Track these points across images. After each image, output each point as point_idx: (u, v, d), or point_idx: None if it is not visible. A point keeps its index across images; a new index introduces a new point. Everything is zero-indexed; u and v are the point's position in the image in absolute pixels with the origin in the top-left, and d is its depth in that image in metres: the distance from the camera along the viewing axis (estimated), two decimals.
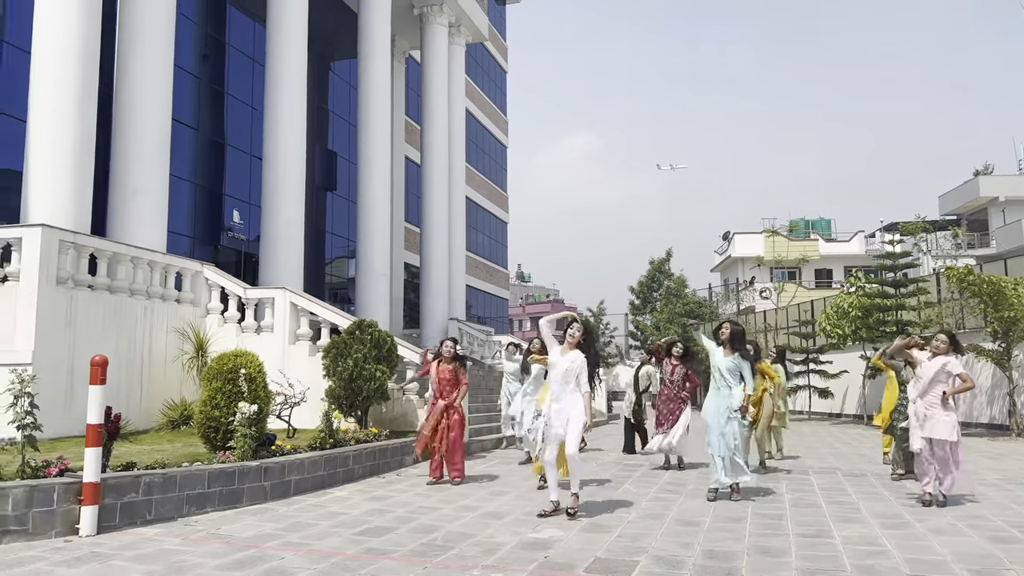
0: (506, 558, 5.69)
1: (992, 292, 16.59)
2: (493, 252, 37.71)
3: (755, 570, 5.33)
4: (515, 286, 79.53)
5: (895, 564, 5.46)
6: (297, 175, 17.22)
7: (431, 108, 24.08)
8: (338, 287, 25.22)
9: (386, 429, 11.74)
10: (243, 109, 20.05)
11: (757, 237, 49.54)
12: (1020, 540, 6.23)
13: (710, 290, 46.03)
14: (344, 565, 5.49)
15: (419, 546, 6.08)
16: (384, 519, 7.19)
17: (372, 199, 20.31)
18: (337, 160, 24.30)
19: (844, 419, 25.06)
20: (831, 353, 25.05)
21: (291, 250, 16.79)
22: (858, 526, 6.84)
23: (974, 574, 5.19)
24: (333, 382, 11.54)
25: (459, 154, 26.21)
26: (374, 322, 12.18)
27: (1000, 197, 41.46)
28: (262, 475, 8.06)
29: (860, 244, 50.34)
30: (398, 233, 26.11)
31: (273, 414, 10.39)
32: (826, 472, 10.80)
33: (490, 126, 37.12)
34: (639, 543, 6.16)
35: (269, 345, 12.99)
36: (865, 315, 21.93)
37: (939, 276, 22.32)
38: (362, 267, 20.24)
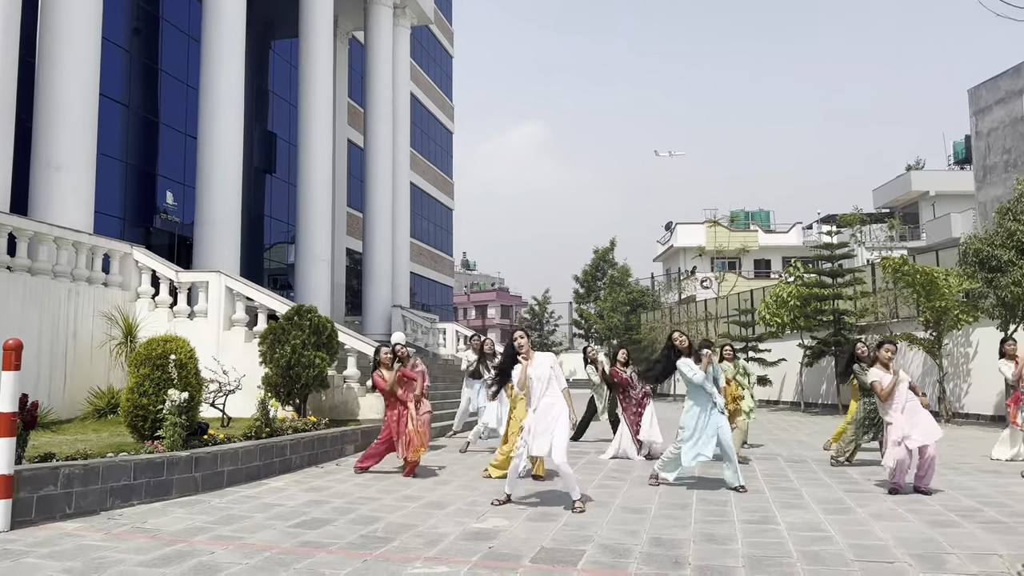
0: (449, 549, 5.50)
1: (925, 282, 17.02)
2: (438, 239, 37.33)
3: (702, 557, 5.25)
4: (460, 274, 79.17)
5: (839, 550, 5.45)
6: (234, 156, 16.63)
7: (375, 91, 23.57)
8: (277, 273, 24.60)
9: (326, 418, 11.41)
10: (177, 87, 19.29)
11: (699, 228, 50.17)
12: (958, 524, 6.30)
13: (653, 279, 46.52)
14: (279, 559, 5.23)
15: (358, 538, 5.85)
16: (322, 510, 6.93)
17: (313, 182, 19.78)
18: (277, 142, 23.64)
19: (782, 406, 25.56)
20: (770, 341, 25.49)
21: (227, 233, 16.22)
22: (802, 512, 6.85)
23: (916, 558, 5.20)
24: (270, 369, 11.16)
25: (404, 138, 25.75)
26: (313, 307, 11.81)
27: (930, 191, 42.78)
28: (193, 466, 7.69)
29: (798, 235, 51.47)
30: (340, 218, 25.58)
31: (206, 402, 10.01)
32: (767, 458, 10.89)
33: (436, 111, 36.66)
34: (585, 532, 6.04)
35: (203, 331, 12.51)
36: (803, 304, 22.35)
37: (874, 267, 22.88)
38: (302, 252, 19.71)
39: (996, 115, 28.43)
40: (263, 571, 4.95)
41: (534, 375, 7.13)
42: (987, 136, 28.89)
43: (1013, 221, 15.93)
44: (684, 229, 51.15)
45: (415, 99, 31.94)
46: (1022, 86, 27.23)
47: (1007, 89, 27.95)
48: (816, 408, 23.78)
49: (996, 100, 28.47)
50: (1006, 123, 27.92)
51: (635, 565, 5.07)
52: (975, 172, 30.13)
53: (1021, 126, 27.22)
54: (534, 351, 7.33)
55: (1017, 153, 27.33)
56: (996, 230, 16.40)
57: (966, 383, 18.40)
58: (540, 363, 7.21)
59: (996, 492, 7.91)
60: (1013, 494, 7.74)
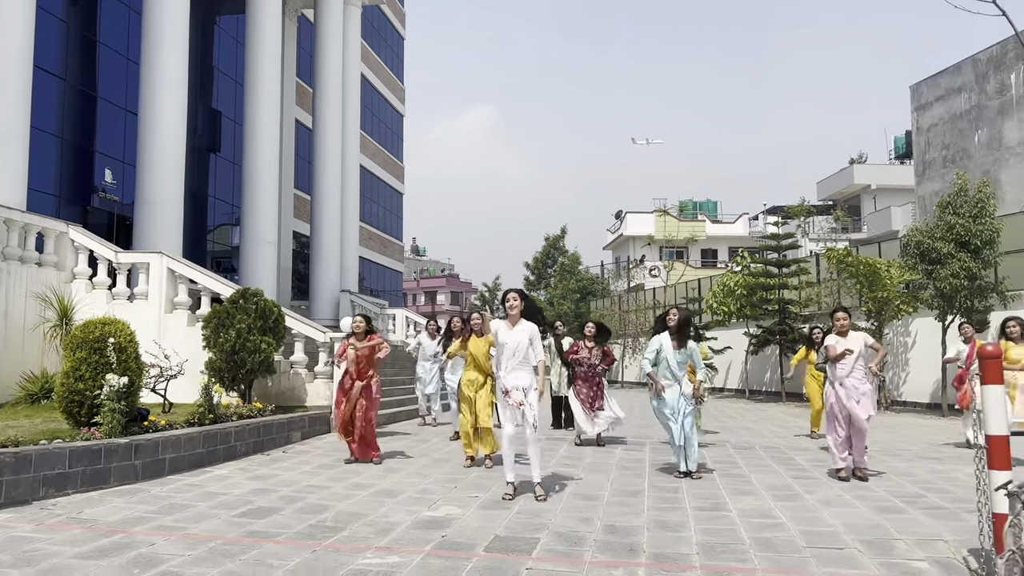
0: (401, 539, 5.38)
1: (868, 273, 17.42)
2: (387, 224, 36.87)
3: (656, 545, 5.23)
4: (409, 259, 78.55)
5: (791, 536, 5.49)
6: (176, 134, 16.07)
7: (324, 70, 23.05)
8: (222, 255, 23.97)
9: (272, 404, 11.14)
10: (117, 60, 18.55)
11: (648, 217, 50.64)
12: (903, 510, 6.42)
13: (603, 268, 46.80)
14: (223, 550, 5.04)
15: (307, 528, 5.68)
16: (268, 499, 6.73)
17: (259, 163, 19.26)
18: (222, 120, 22.97)
19: (727, 393, 26.00)
20: (716, 329, 25.87)
21: (169, 214, 15.68)
22: (752, 498, 6.91)
23: (865, 544, 5.27)
24: (214, 354, 10.82)
25: (353, 120, 25.29)
26: (259, 291, 11.49)
27: (872, 185, 43.89)
28: (132, 453, 7.40)
29: (745, 226, 52.35)
30: (287, 200, 25.02)
31: (147, 387, 9.65)
32: (717, 445, 11.01)
33: (386, 93, 36.11)
34: (539, 519, 5.97)
35: (143, 313, 12.09)
36: (749, 294, 22.72)
37: (818, 258, 23.35)
38: (247, 234, 19.21)
39: (936, 112, 29.22)
40: (207, 563, 4.76)
41: (513, 340, 6.91)
42: (927, 132, 29.68)
43: (952, 215, 16.38)
44: (634, 218, 51.55)
45: (365, 80, 31.39)
46: (961, 83, 28.02)
47: (947, 86, 28.73)
48: (760, 395, 24.25)
49: (936, 97, 29.25)
50: (945, 120, 28.71)
51: (590, 553, 5.03)
52: (915, 167, 30.95)
53: (960, 123, 28.03)
54: (521, 320, 7.03)
55: (955, 149, 28.15)
56: (936, 223, 16.85)
57: (905, 372, 18.93)
58: (524, 328, 6.96)
59: (937, 478, 8.11)
60: (954, 480, 7.94)
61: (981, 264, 15.97)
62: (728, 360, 25.78)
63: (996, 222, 16.33)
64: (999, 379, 4.34)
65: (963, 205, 16.42)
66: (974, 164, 26.69)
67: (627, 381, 33.80)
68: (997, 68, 26.64)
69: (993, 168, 26.12)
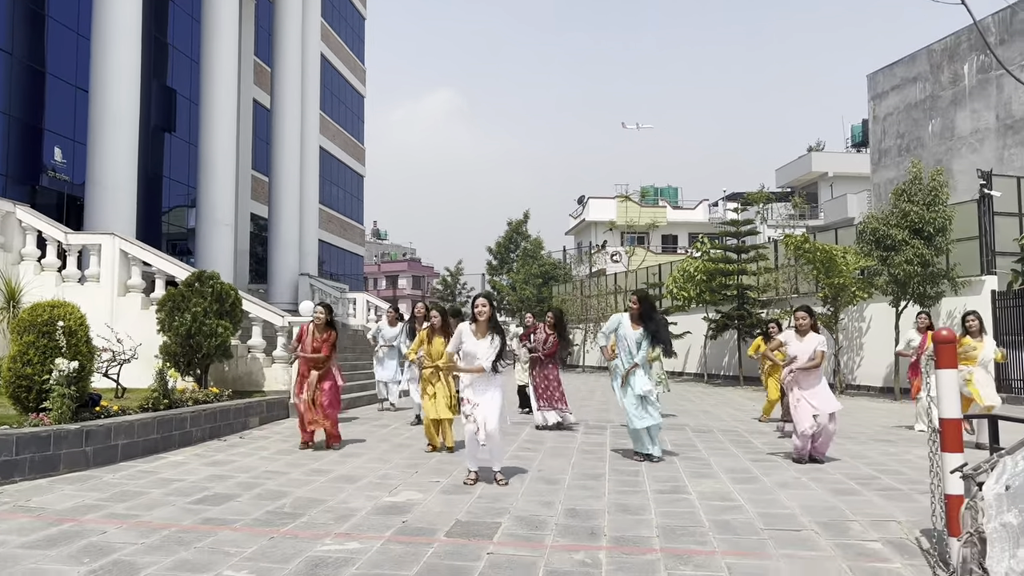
0: (361, 525, 5.32)
1: (825, 259, 17.68)
2: (348, 206, 36.44)
3: (617, 528, 5.25)
4: (371, 243, 77.85)
5: (749, 518, 5.55)
6: (129, 112, 15.64)
7: (283, 49, 22.61)
8: (177, 238, 23.44)
9: (229, 389, 10.94)
10: (66, 35, 17.94)
11: (610, 202, 50.82)
12: (858, 492, 6.54)
13: (565, 252, 46.90)
14: (178, 538, 4.93)
15: (264, 514, 5.59)
16: (225, 485, 6.61)
17: (215, 143, 18.84)
18: (177, 99, 22.41)
19: (686, 377, 26.29)
20: (676, 315, 26.09)
21: (122, 194, 15.27)
22: (711, 481, 6.97)
23: (822, 526, 5.35)
24: (169, 338, 10.59)
25: (313, 100, 24.87)
26: (215, 274, 11.25)
27: (829, 172, 44.58)
28: (83, 439, 7.20)
29: (705, 212, 52.85)
30: (244, 181, 24.55)
31: (99, 372, 9.42)
32: (676, 428, 11.11)
33: (347, 73, 35.56)
34: (500, 503, 5.96)
35: (95, 296, 11.78)
36: (709, 279, 22.95)
37: (776, 244, 23.66)
38: (203, 216, 18.81)
39: (892, 101, 29.71)
40: (160, 551, 4.65)
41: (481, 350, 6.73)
42: (883, 120, 30.18)
43: (907, 202, 16.69)
44: (596, 203, 51.70)
45: (325, 60, 30.87)
46: (916, 73, 28.52)
47: (902, 76, 29.22)
48: (719, 379, 24.57)
49: (892, 87, 29.74)
50: (901, 109, 29.23)
51: (551, 537, 5.02)
52: (871, 155, 31.48)
53: (915, 112, 28.55)
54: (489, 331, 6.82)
55: (910, 138, 28.69)
56: (891, 210, 17.16)
57: (859, 356, 19.31)
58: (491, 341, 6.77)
59: (891, 460, 8.28)
60: (907, 462, 8.12)
61: (934, 251, 16.31)
62: (687, 345, 26.06)
63: (948, 210, 16.68)
64: (953, 363, 4.41)
65: (917, 193, 16.74)
66: (928, 153, 27.23)
67: (588, 366, 33.99)
68: (951, 59, 27.16)
69: (946, 157, 26.68)
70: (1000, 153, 24.95)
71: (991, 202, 17.22)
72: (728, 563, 4.48)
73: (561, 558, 4.57)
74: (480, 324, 6.80)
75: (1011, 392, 15.72)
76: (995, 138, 25.31)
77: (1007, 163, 24.23)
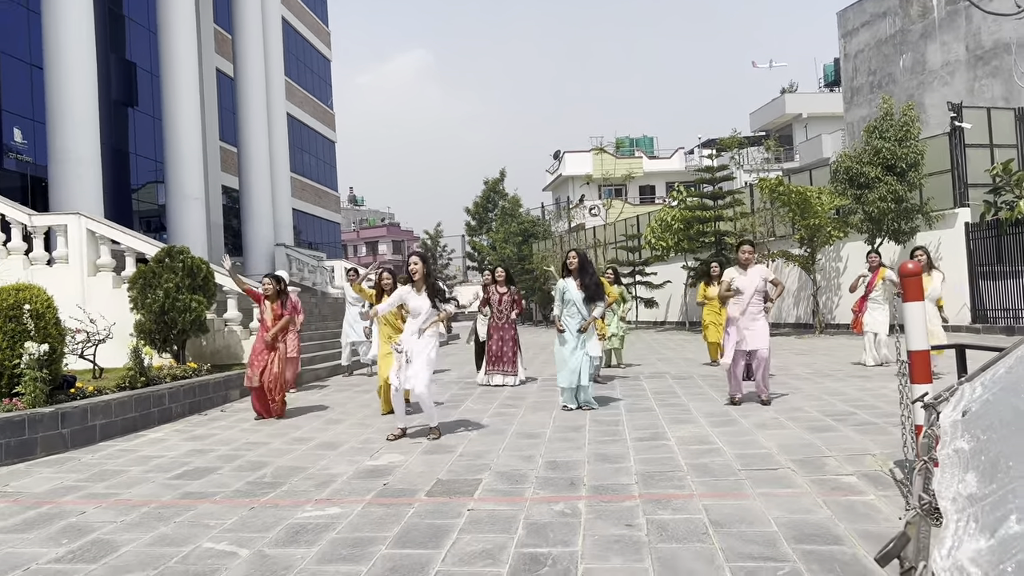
0: (342, 489, 5.32)
1: (800, 201, 17.73)
2: (321, 174, 36.01)
3: (597, 477, 5.29)
4: (347, 210, 77.26)
5: (727, 460, 5.61)
6: (88, 88, 15.25)
7: (242, 14, 22.06)
8: (149, 214, 23.11)
9: (207, 363, 10.88)
10: (16, 10, 17.40)
11: (586, 156, 50.55)
12: (834, 428, 6.63)
13: (543, 209, 46.73)
14: (157, 514, 4.91)
15: (245, 485, 5.58)
16: (206, 459, 6.59)
17: (180, 115, 18.45)
18: (137, 72, 21.89)
19: (668, 326, 26.47)
20: (656, 265, 26.19)
21: (86, 173, 14.97)
22: (690, 426, 7.04)
23: (798, 463, 5.41)
24: (142, 315, 10.48)
25: (277, 66, 24.37)
26: (185, 248, 11.10)
27: (803, 114, 44.49)
28: (59, 421, 7.14)
29: (680, 160, 52.67)
30: (213, 153, 24.15)
31: (74, 353, 9.34)
32: (656, 376, 11.19)
33: (310, 37, 34.84)
34: (482, 460, 5.98)
35: (64, 278, 11.60)
36: (686, 227, 22.98)
37: (752, 188, 23.68)
38: (172, 191, 18.51)
39: (862, 37, 29.56)
40: (139, 528, 4.63)
41: (421, 306, 6.92)
42: (854, 58, 30.06)
43: (879, 139, 16.70)
44: (572, 158, 51.40)
45: (287, 24, 30.20)
46: (886, 8, 28.33)
47: (872, 12, 29.03)
48: (700, 327, 24.74)
49: (862, 23, 29.56)
50: (871, 45, 29.09)
51: (531, 490, 5.05)
52: (844, 93, 31.42)
53: (885, 47, 28.44)
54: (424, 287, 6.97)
55: (882, 74, 28.62)
56: (864, 148, 17.17)
57: (837, 296, 19.48)
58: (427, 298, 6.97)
59: (867, 395, 8.39)
60: (883, 396, 8.23)
61: (907, 186, 16.39)
62: (668, 294, 26.20)
63: (920, 144, 16.73)
64: (920, 296, 4.43)
65: (889, 129, 16.76)
66: (899, 88, 27.19)
67: None
68: None
69: (917, 92, 26.67)
70: (971, 85, 24.96)
71: (962, 135, 17.27)
72: (705, 504, 4.53)
73: (541, 510, 4.60)
74: (417, 282, 6.97)
75: (985, 322, 15.95)
76: (965, 70, 25.30)
77: (977, 94, 24.26)
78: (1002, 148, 17.83)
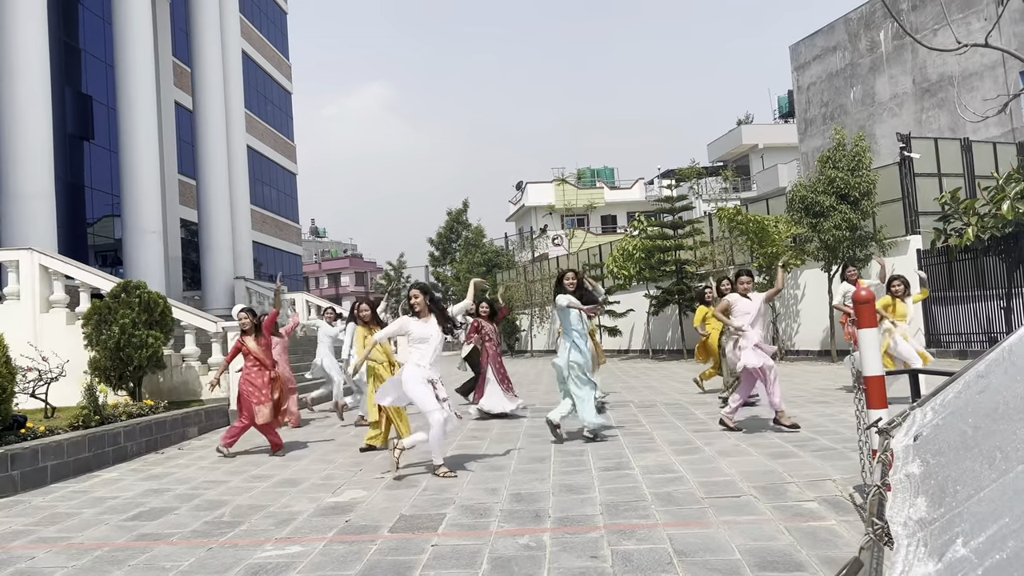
0: (303, 528, 5.22)
1: (758, 230, 18.05)
2: (282, 206, 35.77)
3: (561, 509, 5.27)
4: (309, 242, 76.70)
5: (690, 488, 5.63)
6: (42, 121, 15.04)
7: (201, 48, 21.98)
8: (105, 248, 22.70)
9: (164, 400, 10.64)
10: None
11: (548, 186, 51.00)
12: (796, 454, 6.70)
13: (506, 239, 46.93)
14: (111, 557, 4.77)
15: (202, 525, 5.45)
16: (162, 499, 6.42)
17: (137, 148, 18.24)
18: (93, 105, 21.62)
19: (632, 355, 26.61)
20: (619, 293, 26.36)
21: (39, 206, 14.71)
22: (654, 455, 7.06)
23: (760, 490, 5.45)
24: (97, 352, 10.25)
25: (237, 99, 24.27)
26: (142, 283, 10.92)
27: (759, 144, 45.51)
28: (8, 463, 6.92)
29: (641, 191, 53.38)
30: (171, 187, 23.86)
31: (24, 393, 9.06)
32: (620, 405, 11.22)
33: (271, 70, 34.81)
34: (446, 494, 5.92)
35: (15, 315, 11.32)
36: (648, 256, 23.22)
37: (711, 217, 24.05)
38: (129, 225, 18.23)
39: (814, 71, 30.42)
40: (92, 572, 4.49)
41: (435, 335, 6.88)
42: (807, 90, 30.89)
43: (832, 169, 17.11)
44: (534, 188, 51.82)
45: (248, 58, 30.14)
46: (836, 42, 29.23)
47: (823, 46, 29.92)
48: (663, 354, 24.93)
49: (814, 56, 30.43)
50: (823, 78, 29.94)
51: (496, 523, 5.01)
52: (798, 125, 32.22)
53: (836, 80, 29.28)
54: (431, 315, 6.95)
55: (834, 106, 29.43)
56: (818, 178, 17.57)
57: (796, 322, 19.80)
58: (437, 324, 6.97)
59: (827, 421, 8.51)
60: (842, 422, 8.34)
61: (860, 215, 16.78)
62: (631, 322, 26.37)
63: (872, 174, 17.17)
64: (873, 323, 4.52)
65: (842, 159, 17.17)
66: (851, 120, 27.97)
67: (536, 350, 34.14)
68: (867, 27, 27.91)
69: (868, 123, 27.46)
70: (919, 116, 25.78)
71: (912, 164, 17.77)
72: (670, 534, 4.54)
73: (506, 543, 4.56)
74: (421, 312, 6.90)
75: (940, 346, 16.31)
76: (913, 102, 26.14)
77: (925, 125, 25.05)
78: (950, 177, 18.37)
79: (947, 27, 23.12)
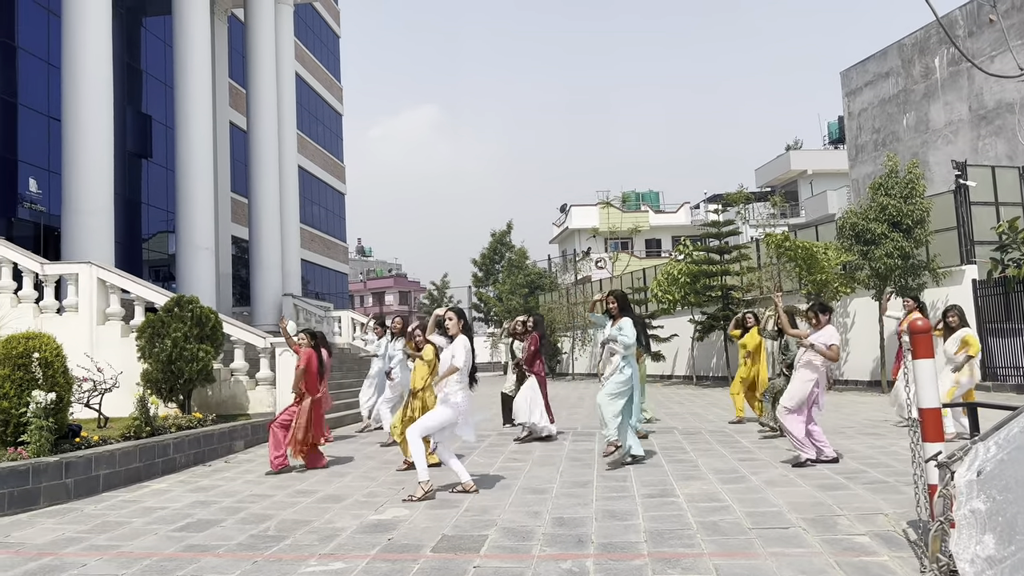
0: (346, 544, 5.25)
1: (806, 257, 17.77)
2: (330, 225, 36.34)
3: (605, 535, 5.21)
4: (355, 261, 77.66)
5: (737, 519, 5.53)
6: (104, 140, 15.53)
7: (257, 70, 22.53)
8: (159, 264, 23.31)
9: (213, 413, 10.83)
10: (37, 65, 17.86)
11: (592, 209, 50.95)
12: (846, 486, 6.53)
13: (549, 261, 46.93)
14: (159, 567, 4.85)
15: (248, 539, 5.51)
16: (209, 511, 6.52)
17: (193, 167, 18.70)
18: (152, 125, 22.31)
19: (675, 380, 26.30)
20: (662, 318, 26.13)
21: (99, 223, 15.14)
22: (699, 483, 6.95)
23: (809, 522, 5.33)
24: (150, 364, 10.49)
25: (290, 120, 24.78)
26: (195, 298, 11.17)
27: (808, 170, 44.90)
28: (63, 471, 7.10)
29: (686, 215, 53.02)
30: (224, 204, 24.44)
31: (80, 403, 9.30)
32: (664, 432, 11.08)
33: (323, 92, 35.55)
34: (488, 516, 5.91)
35: (74, 326, 11.65)
36: (693, 281, 22.98)
37: (758, 243, 23.76)
38: (183, 241, 18.67)
39: (866, 96, 29.97)
40: None
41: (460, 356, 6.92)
42: (858, 116, 30.43)
43: (885, 196, 16.79)
44: (578, 211, 51.81)
45: (301, 80, 30.84)
46: (888, 68, 28.79)
47: (875, 72, 29.49)
48: (707, 381, 24.58)
49: (865, 83, 30.00)
50: (875, 104, 29.48)
51: (538, 547, 4.98)
52: (848, 151, 31.71)
53: (888, 107, 28.81)
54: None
55: (886, 132, 28.93)
56: (870, 205, 17.26)
57: (845, 351, 19.37)
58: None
59: (879, 453, 8.29)
60: (895, 454, 8.13)
61: (913, 243, 16.42)
62: (675, 348, 26.08)
63: (926, 202, 16.80)
64: (929, 353, 4.41)
65: (894, 186, 16.85)
66: (903, 147, 27.46)
67: (578, 373, 33.95)
68: (922, 52, 27.44)
69: (921, 150, 26.91)
70: (974, 144, 25.19)
71: (967, 192, 17.36)
72: (716, 564, 4.45)
73: (548, 567, 4.52)
74: (455, 336, 6.98)
75: (996, 380, 15.81)
76: (969, 129, 25.56)
77: (981, 153, 24.46)
78: (1007, 206, 17.90)
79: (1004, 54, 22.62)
